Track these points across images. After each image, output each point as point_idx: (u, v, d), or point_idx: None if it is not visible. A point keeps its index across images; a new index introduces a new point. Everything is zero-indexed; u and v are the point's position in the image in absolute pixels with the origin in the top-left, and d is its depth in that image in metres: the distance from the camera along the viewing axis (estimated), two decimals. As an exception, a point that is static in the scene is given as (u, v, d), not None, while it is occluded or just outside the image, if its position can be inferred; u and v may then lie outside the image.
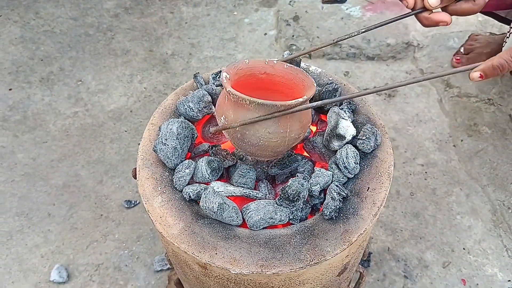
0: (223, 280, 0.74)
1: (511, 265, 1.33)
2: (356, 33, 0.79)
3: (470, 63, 1.78)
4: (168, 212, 0.74)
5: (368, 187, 0.78)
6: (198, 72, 0.95)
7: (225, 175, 0.83)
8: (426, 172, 1.53)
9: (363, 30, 0.79)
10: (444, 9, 0.77)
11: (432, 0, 0.74)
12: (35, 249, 1.39)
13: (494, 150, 1.56)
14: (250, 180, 0.80)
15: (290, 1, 2.14)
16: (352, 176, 0.79)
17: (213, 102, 0.89)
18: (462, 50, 1.83)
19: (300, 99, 0.66)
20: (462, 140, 1.60)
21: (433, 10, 0.76)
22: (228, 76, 0.69)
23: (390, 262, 1.33)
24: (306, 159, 0.86)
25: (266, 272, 0.69)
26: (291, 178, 0.75)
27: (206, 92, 0.87)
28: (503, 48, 1.57)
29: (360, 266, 1.03)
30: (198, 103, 0.85)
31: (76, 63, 1.96)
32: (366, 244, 0.85)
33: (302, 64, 0.97)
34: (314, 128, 0.93)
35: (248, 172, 0.80)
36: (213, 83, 0.92)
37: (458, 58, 1.81)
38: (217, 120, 0.72)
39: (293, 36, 1.99)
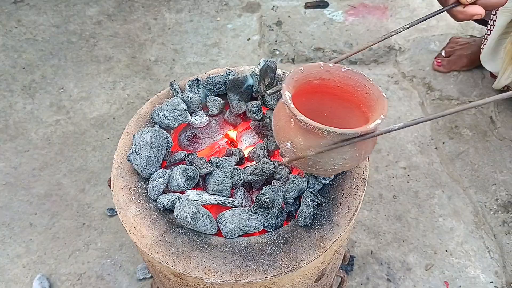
0: (198, 290, 0.73)
1: (494, 266, 1.34)
2: (401, 29, 0.76)
3: (451, 66, 1.81)
4: (142, 222, 0.74)
5: (343, 193, 0.78)
6: (174, 80, 0.95)
7: (202, 184, 0.83)
8: (408, 175, 1.53)
9: (408, 26, 0.75)
10: (474, 3, 0.77)
11: None
12: (17, 259, 1.38)
13: (475, 152, 1.57)
14: (226, 188, 0.80)
15: (273, 7, 2.15)
16: (327, 182, 0.80)
17: (189, 110, 0.89)
18: (443, 53, 1.85)
19: (378, 121, 0.60)
20: (443, 143, 1.61)
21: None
22: (290, 95, 0.61)
23: (373, 265, 1.33)
24: (283, 166, 0.86)
25: (241, 280, 0.68)
26: (265, 186, 0.75)
27: (181, 100, 0.86)
28: (481, 51, 1.60)
29: (340, 270, 1.03)
30: (173, 111, 0.85)
31: (58, 70, 1.95)
32: (343, 249, 0.86)
33: (279, 71, 0.98)
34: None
35: (224, 179, 0.80)
36: (189, 91, 0.92)
37: (439, 61, 1.83)
38: (279, 144, 0.66)
39: (276, 41, 2.00)
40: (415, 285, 1.29)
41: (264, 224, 0.74)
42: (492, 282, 1.31)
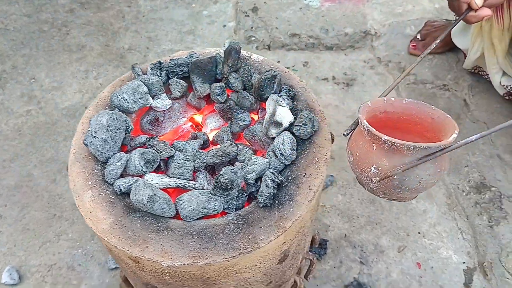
0: (157, 274, 0.72)
1: (466, 247, 1.35)
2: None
3: (425, 49, 1.81)
4: (98, 206, 0.72)
5: (305, 173, 0.78)
6: (137, 63, 0.92)
7: (164, 167, 0.81)
8: (383, 159, 1.53)
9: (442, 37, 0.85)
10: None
11: (478, 1, 0.87)
12: (-14, 252, 1.35)
13: (448, 135, 1.58)
14: (187, 171, 0.79)
15: (248, -8, 2.12)
16: (289, 162, 0.79)
17: (150, 93, 0.87)
18: (418, 36, 1.85)
19: (455, 135, 0.65)
20: (417, 126, 1.61)
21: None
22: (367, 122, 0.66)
23: (346, 248, 1.34)
24: (247, 148, 0.85)
25: (198, 263, 0.67)
26: (224, 167, 0.74)
27: (141, 83, 0.84)
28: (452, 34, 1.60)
29: (309, 253, 1.02)
30: (133, 94, 0.83)
31: (30, 60, 1.90)
32: (308, 231, 0.85)
33: (244, 52, 0.96)
34: (255, 117, 0.92)
35: (185, 163, 0.79)
36: (151, 74, 0.90)
37: (414, 44, 1.83)
38: (362, 171, 0.69)
39: (252, 27, 1.98)
40: (388, 267, 1.30)
41: (224, 206, 0.73)
42: (464, 262, 1.32)
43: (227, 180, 0.71)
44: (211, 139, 0.90)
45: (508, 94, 1.51)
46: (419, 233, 1.37)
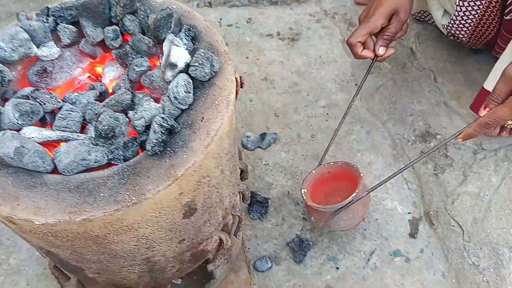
0: (39, 235, 0.65)
1: (412, 197, 1.31)
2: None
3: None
4: (-36, 165, 0.65)
5: (203, 117, 0.71)
6: (23, 11, 0.83)
7: (50, 121, 0.73)
8: (327, 114, 1.48)
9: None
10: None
11: (380, 51, 1.15)
12: None
13: (393, 84, 1.52)
14: (73, 123, 0.71)
15: (188, -52, 2.00)
16: (186, 107, 0.71)
17: (35, 41, 0.78)
18: (364, -17, 1.77)
19: (354, 194, 0.99)
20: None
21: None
22: (305, 191, 1.08)
23: (289, 206, 1.29)
24: (148, 96, 0.77)
25: (76, 219, 0.60)
26: (103, 113, 0.66)
27: (20, 29, 0.75)
28: None
29: (237, 210, 0.97)
30: (11, 41, 0.74)
31: (-46, 31, 1.77)
32: (218, 182, 0.78)
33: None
34: (158, 63, 0.84)
35: (70, 113, 0.71)
36: (37, 20, 0.81)
37: (359, -8, 1.76)
38: (309, 218, 1.13)
39: (192, -15, 1.87)
40: (331, 221, 1.26)
41: (108, 157, 0.66)
42: (409, 213, 1.29)
43: (106, 127, 0.64)
44: (110, 90, 0.82)
45: (451, 34, 1.45)
46: (363, 185, 1.32)
